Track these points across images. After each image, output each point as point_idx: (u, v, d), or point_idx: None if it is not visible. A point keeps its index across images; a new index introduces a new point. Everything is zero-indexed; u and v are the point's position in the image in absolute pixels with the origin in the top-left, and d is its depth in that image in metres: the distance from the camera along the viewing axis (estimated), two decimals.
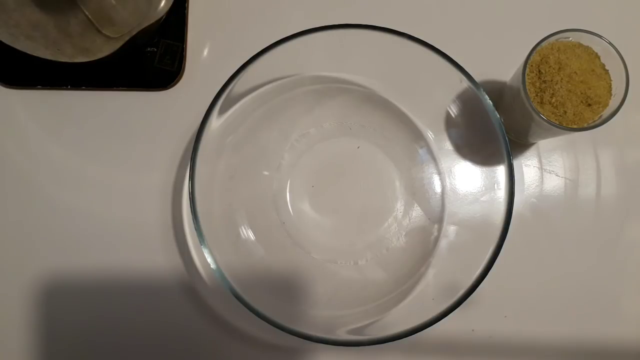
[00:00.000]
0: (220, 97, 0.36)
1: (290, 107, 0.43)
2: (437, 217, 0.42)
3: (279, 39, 0.36)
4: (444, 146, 0.42)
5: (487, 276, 0.35)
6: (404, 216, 0.43)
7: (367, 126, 0.43)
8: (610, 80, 0.35)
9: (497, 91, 0.43)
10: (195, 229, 0.35)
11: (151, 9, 0.41)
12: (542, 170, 0.43)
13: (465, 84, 0.37)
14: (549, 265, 0.42)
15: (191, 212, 0.35)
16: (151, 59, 0.43)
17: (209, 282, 0.42)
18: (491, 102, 0.36)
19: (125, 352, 0.42)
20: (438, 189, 0.43)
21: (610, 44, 0.34)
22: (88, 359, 0.42)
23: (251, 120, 0.41)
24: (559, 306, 0.42)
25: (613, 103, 0.35)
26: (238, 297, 0.34)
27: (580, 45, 0.35)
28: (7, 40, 0.39)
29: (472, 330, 0.42)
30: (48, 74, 0.43)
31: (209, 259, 0.35)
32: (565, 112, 0.35)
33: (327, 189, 0.43)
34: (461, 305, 0.34)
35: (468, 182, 0.41)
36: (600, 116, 0.35)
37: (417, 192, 0.43)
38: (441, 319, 0.34)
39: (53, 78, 0.43)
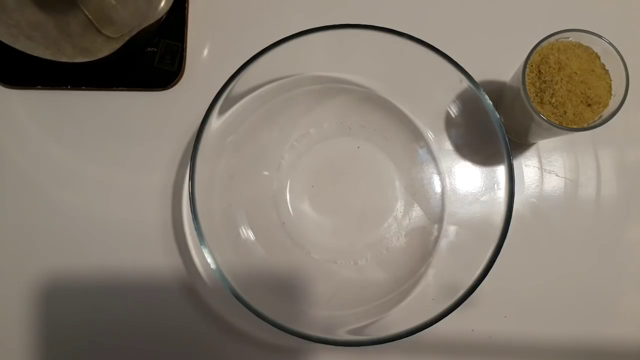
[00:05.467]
0: (220, 97, 0.36)
1: (290, 107, 0.43)
2: (437, 217, 0.42)
3: (279, 39, 0.36)
4: (444, 146, 0.42)
5: (487, 276, 0.35)
6: (404, 216, 0.43)
7: (367, 126, 0.43)
8: (610, 80, 0.35)
9: (497, 91, 0.43)
10: (195, 229, 0.35)
11: (151, 9, 0.41)
12: (542, 170, 0.43)
13: (465, 84, 0.37)
14: (549, 266, 0.42)
15: (191, 212, 0.35)
16: (151, 59, 0.43)
17: (209, 282, 0.42)
18: (491, 102, 0.36)
19: (125, 352, 0.42)
20: (438, 189, 0.43)
21: (610, 44, 0.34)
22: (88, 358, 0.42)
23: (251, 120, 0.41)
24: (559, 306, 0.42)
25: (613, 103, 0.35)
26: (238, 297, 0.34)
27: (580, 45, 0.35)
28: (7, 40, 0.39)
29: (472, 330, 0.42)
30: (48, 74, 0.43)
31: (209, 259, 0.35)
32: (565, 112, 0.35)
33: (327, 189, 0.43)
34: (461, 305, 0.34)
35: (468, 182, 0.41)
36: (600, 116, 0.35)
37: (417, 192, 0.43)
38: (441, 319, 0.34)
39: (53, 78, 0.43)
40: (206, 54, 0.45)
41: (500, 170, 0.37)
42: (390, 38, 0.36)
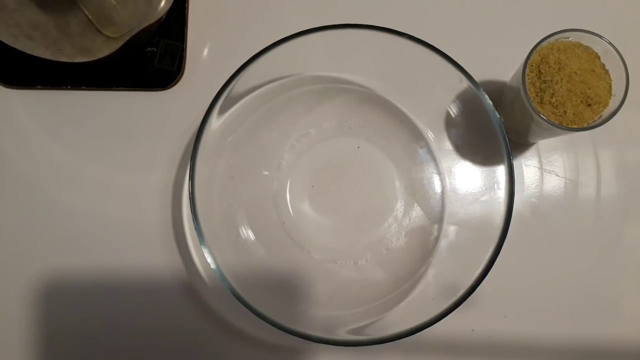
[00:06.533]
0: (220, 97, 0.36)
1: (290, 107, 0.43)
2: (437, 217, 0.42)
3: (279, 39, 0.36)
4: (444, 146, 0.42)
5: (487, 276, 0.35)
6: (404, 216, 0.43)
7: (367, 126, 0.43)
8: (610, 80, 0.35)
9: (497, 91, 0.43)
10: (195, 229, 0.35)
11: (151, 9, 0.41)
12: (542, 170, 0.43)
13: (465, 84, 0.37)
14: (549, 265, 0.42)
15: (191, 212, 0.35)
16: (151, 59, 0.43)
17: (209, 282, 0.42)
18: (491, 102, 0.36)
19: (125, 352, 0.42)
20: (438, 189, 0.43)
21: (610, 44, 0.34)
22: (88, 358, 0.42)
23: (251, 120, 0.41)
24: (559, 306, 0.42)
25: (613, 103, 0.35)
26: (238, 297, 0.34)
27: (580, 45, 0.35)
28: (7, 40, 0.39)
29: (472, 330, 0.42)
30: (48, 74, 0.43)
31: (209, 259, 0.35)
32: (565, 112, 0.35)
33: (327, 189, 0.43)
34: (461, 305, 0.34)
35: (468, 182, 0.41)
36: (600, 116, 0.35)
37: (417, 192, 0.43)
38: (441, 319, 0.34)
39: (53, 78, 0.43)
40: (206, 54, 0.45)
41: (500, 170, 0.37)
42: (390, 38, 0.36)
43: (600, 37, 0.34)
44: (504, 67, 0.42)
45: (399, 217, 0.43)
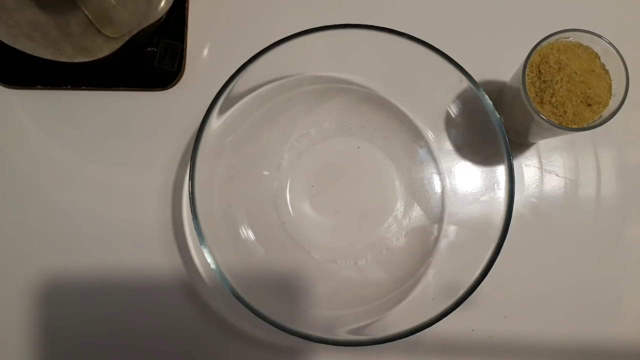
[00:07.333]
0: (220, 97, 0.36)
1: (290, 107, 0.43)
2: (437, 217, 0.42)
3: (279, 39, 0.36)
4: (444, 146, 0.42)
5: (487, 276, 0.35)
6: (404, 216, 0.43)
7: (367, 126, 0.43)
8: (610, 80, 0.35)
9: (497, 91, 0.43)
10: (195, 229, 0.35)
11: (151, 9, 0.41)
12: (542, 170, 0.43)
13: (465, 84, 0.37)
14: (549, 265, 0.42)
15: (191, 212, 0.35)
16: (151, 59, 0.43)
17: (209, 282, 0.42)
18: (491, 102, 0.36)
19: (124, 352, 0.42)
20: (438, 189, 0.43)
21: (610, 44, 0.34)
22: (88, 358, 0.42)
23: (251, 120, 0.41)
24: (559, 306, 0.42)
25: (613, 103, 0.35)
26: (238, 297, 0.34)
27: (580, 45, 0.35)
28: (7, 40, 0.39)
29: (472, 330, 0.42)
30: (48, 74, 0.43)
31: (209, 259, 0.35)
32: (565, 112, 0.35)
33: (327, 189, 0.43)
34: (461, 305, 0.34)
35: (468, 182, 0.41)
36: (600, 116, 0.35)
37: (417, 192, 0.43)
38: (441, 319, 0.34)
39: (53, 78, 0.43)
40: (206, 54, 0.45)
41: (500, 170, 0.37)
42: (390, 38, 0.36)
43: (600, 37, 0.34)
44: (504, 67, 0.42)
45: (399, 217, 0.43)
